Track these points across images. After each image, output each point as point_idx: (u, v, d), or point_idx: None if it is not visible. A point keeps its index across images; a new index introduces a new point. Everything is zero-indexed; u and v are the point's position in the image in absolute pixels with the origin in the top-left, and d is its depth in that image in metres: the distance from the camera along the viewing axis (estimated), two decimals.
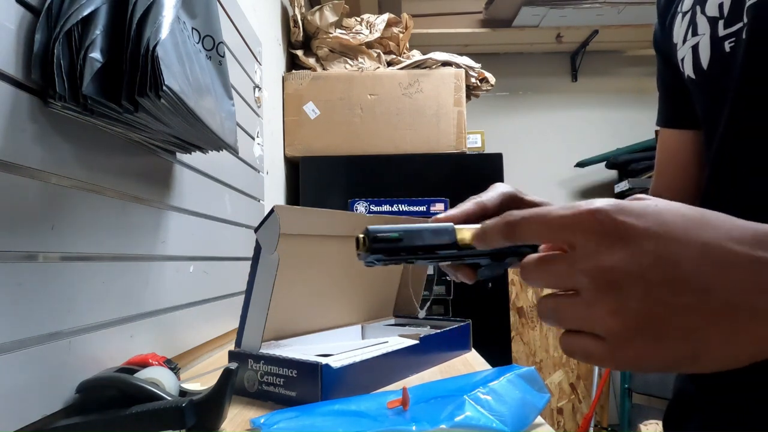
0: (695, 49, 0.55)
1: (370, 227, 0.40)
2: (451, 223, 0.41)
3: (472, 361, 0.85)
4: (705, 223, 0.29)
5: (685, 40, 0.57)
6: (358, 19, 1.97)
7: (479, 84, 1.98)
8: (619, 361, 0.29)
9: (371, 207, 1.53)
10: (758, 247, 0.27)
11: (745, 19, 0.49)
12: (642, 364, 0.28)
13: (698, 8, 0.55)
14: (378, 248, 0.40)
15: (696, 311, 0.27)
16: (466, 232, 0.40)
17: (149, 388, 0.50)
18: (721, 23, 0.52)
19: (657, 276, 0.27)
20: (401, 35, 1.98)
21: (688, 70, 0.57)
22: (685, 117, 0.64)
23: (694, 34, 0.55)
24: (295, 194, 1.84)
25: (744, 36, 0.49)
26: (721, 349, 0.27)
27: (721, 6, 0.52)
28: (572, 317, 0.30)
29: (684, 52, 0.57)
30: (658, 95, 0.71)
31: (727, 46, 0.51)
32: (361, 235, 0.41)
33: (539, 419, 0.56)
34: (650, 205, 0.29)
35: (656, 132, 0.72)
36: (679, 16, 0.59)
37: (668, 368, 0.29)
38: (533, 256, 0.32)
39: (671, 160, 0.68)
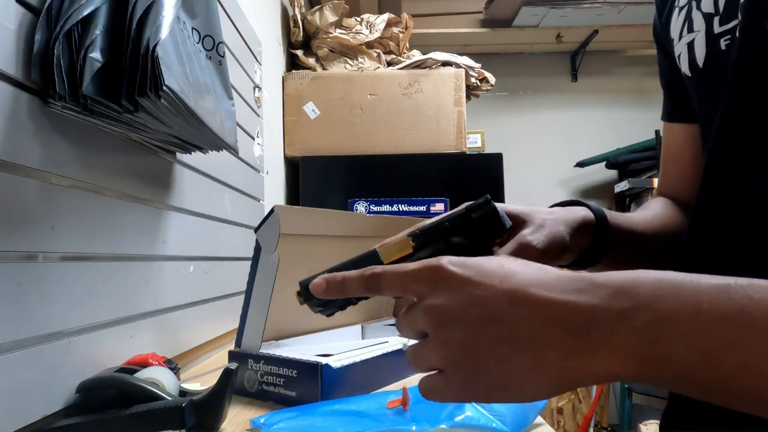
0: (691, 46, 0.54)
1: (302, 280, 0.43)
2: (375, 247, 0.43)
3: None
4: (519, 272, 0.33)
5: (681, 36, 0.56)
6: (358, 19, 1.97)
7: (479, 84, 1.98)
8: (452, 391, 0.33)
9: (371, 207, 1.53)
10: (563, 292, 0.31)
11: (740, 16, 0.48)
12: (468, 393, 0.33)
13: (694, 3, 0.54)
14: (310, 295, 0.42)
15: (503, 343, 0.31)
16: (391, 248, 0.42)
17: (149, 388, 0.50)
18: (716, 20, 0.51)
19: (473, 315, 0.32)
20: (401, 35, 1.98)
21: (684, 67, 0.56)
22: (688, 110, 0.63)
23: (690, 30, 0.54)
24: (295, 194, 1.84)
25: (738, 34, 0.48)
26: (529, 377, 0.31)
27: (716, 2, 0.50)
28: (421, 357, 0.35)
29: (680, 49, 0.56)
30: (663, 89, 0.69)
31: (722, 43, 0.50)
32: (296, 290, 0.44)
33: (539, 419, 0.56)
34: (475, 260, 0.34)
35: (656, 132, 0.71)
36: (676, 10, 0.57)
37: (489, 396, 0.33)
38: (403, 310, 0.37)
39: (677, 155, 0.67)
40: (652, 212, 0.63)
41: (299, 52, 1.90)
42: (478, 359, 0.32)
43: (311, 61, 1.90)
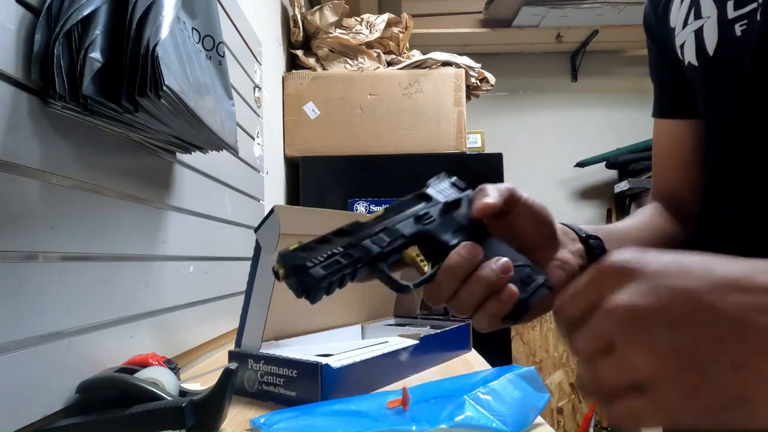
0: (699, 33, 0.51)
1: (283, 251, 0.39)
2: None
3: (472, 361, 0.85)
4: (714, 261, 0.27)
5: (685, 24, 0.53)
6: (358, 19, 1.97)
7: (479, 84, 1.98)
8: (668, 412, 0.25)
9: (371, 207, 1.53)
10: None
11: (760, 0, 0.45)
12: (695, 413, 0.25)
13: None
14: (286, 257, 0.38)
15: (737, 343, 0.24)
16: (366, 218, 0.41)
17: (149, 388, 0.50)
18: (730, 4, 0.48)
19: (680, 308, 0.25)
20: (401, 35, 1.97)
21: (689, 56, 0.53)
22: (683, 106, 0.60)
23: (698, 17, 0.51)
24: (295, 194, 1.84)
25: (759, 18, 0.45)
26: None
27: None
28: (610, 373, 0.27)
29: (684, 37, 0.53)
30: (653, 84, 0.66)
31: (737, 29, 0.47)
32: (275, 268, 0.38)
33: (539, 419, 0.56)
34: (648, 252, 0.29)
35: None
36: None
37: (723, 415, 0.25)
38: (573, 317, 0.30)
39: (671, 153, 0.64)
40: (643, 217, 0.61)
41: (299, 52, 1.90)
42: (702, 365, 0.24)
43: (311, 61, 1.89)
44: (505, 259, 0.39)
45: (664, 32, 0.58)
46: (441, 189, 0.46)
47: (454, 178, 0.47)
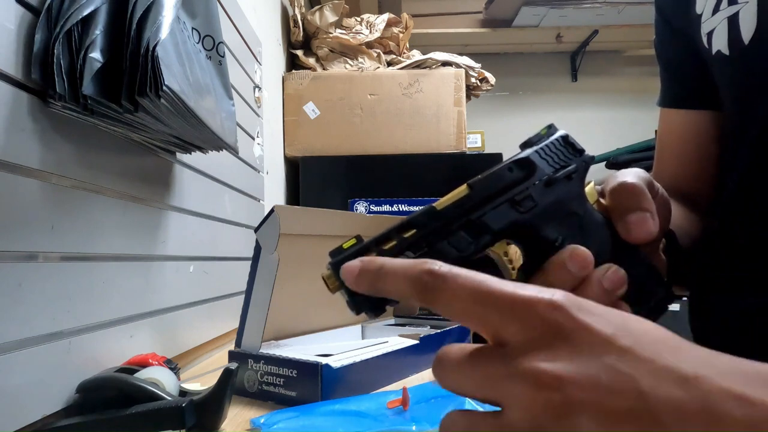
0: (733, 20, 0.47)
1: (332, 251, 0.32)
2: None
3: None
4: (679, 349, 0.22)
5: (716, 10, 0.49)
6: (358, 19, 1.97)
7: (479, 84, 1.98)
8: None
9: (371, 207, 1.53)
10: (749, 383, 0.20)
11: None
12: None
13: None
14: (338, 267, 0.31)
15: None
16: (444, 198, 0.32)
17: (149, 388, 0.50)
18: None
19: (616, 402, 0.20)
20: (401, 35, 1.98)
21: (719, 44, 0.49)
22: (699, 96, 0.56)
23: (732, 2, 0.47)
24: (295, 194, 1.84)
25: None
26: None
27: None
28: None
29: (713, 24, 0.49)
30: (660, 71, 0.62)
31: None
32: (325, 272, 0.31)
33: None
34: (615, 312, 0.23)
35: (657, 132, 0.67)
36: None
37: None
38: (458, 345, 0.25)
39: (684, 145, 0.59)
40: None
41: (299, 52, 1.90)
42: None
43: (311, 61, 1.89)
44: (620, 271, 0.31)
45: (684, 17, 0.54)
46: (548, 152, 0.36)
47: (565, 133, 0.37)
